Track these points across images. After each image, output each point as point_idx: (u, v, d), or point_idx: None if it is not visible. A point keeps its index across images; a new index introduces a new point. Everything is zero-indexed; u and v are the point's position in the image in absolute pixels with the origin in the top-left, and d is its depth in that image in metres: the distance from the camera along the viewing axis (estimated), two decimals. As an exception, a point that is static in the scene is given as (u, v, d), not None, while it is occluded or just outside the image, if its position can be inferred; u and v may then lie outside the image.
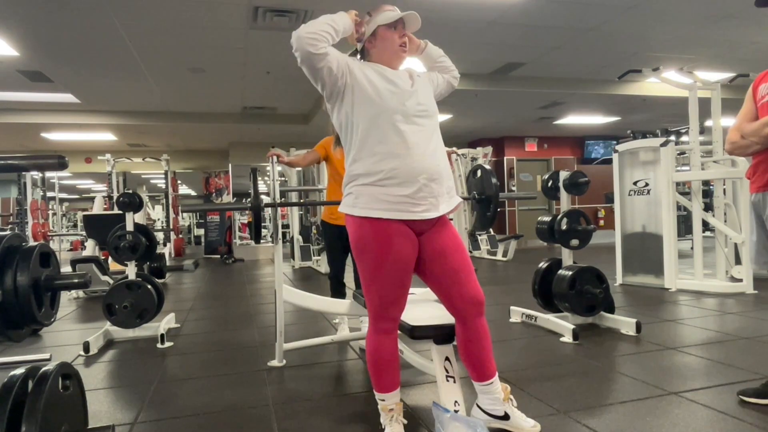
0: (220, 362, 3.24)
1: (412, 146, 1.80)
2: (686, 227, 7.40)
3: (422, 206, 1.80)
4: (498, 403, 1.98)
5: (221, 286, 7.04)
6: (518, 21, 5.24)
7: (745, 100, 2.26)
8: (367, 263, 1.85)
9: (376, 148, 1.79)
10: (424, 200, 1.80)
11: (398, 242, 1.80)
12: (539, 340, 3.46)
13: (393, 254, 1.80)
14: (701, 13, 5.21)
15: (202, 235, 14.12)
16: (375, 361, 1.93)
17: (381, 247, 1.80)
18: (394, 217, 1.79)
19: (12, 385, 1.37)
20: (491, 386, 1.97)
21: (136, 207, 3.87)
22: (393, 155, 1.78)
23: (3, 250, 1.41)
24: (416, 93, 1.91)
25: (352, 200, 1.86)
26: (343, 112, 1.87)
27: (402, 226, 1.81)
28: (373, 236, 1.81)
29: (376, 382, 1.94)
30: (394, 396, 1.94)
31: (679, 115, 6.48)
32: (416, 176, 1.78)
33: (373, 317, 1.92)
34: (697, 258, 5.22)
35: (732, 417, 2.10)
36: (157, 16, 4.83)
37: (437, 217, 1.87)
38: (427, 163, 1.82)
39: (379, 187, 1.78)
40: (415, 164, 1.79)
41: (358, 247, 1.86)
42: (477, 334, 1.93)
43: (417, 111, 1.86)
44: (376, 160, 1.79)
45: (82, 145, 11.09)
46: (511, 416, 1.98)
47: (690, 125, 5.40)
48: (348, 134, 1.87)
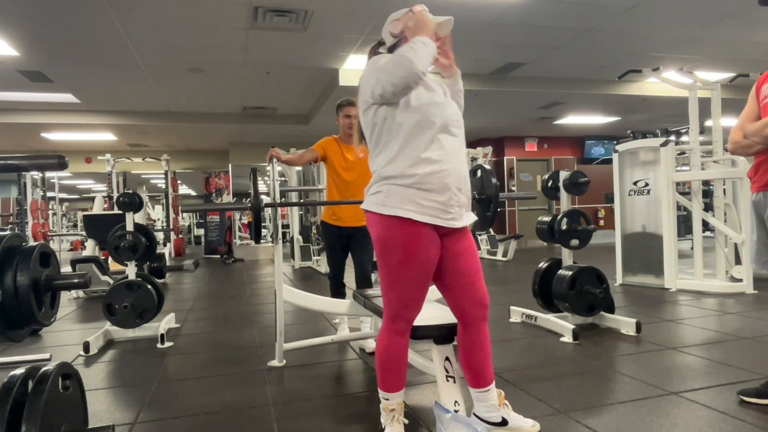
0: (220, 362, 3.24)
1: (449, 155, 1.83)
2: (686, 227, 7.40)
3: (451, 214, 1.83)
4: (494, 410, 1.98)
5: (221, 286, 7.04)
6: (518, 21, 5.24)
7: (748, 99, 2.27)
8: (392, 262, 1.83)
9: (415, 153, 1.80)
10: (452, 208, 1.83)
11: (426, 245, 1.82)
12: (539, 340, 3.46)
13: (420, 256, 1.81)
14: (701, 13, 5.21)
15: (202, 235, 14.12)
16: (384, 360, 1.92)
17: (409, 247, 1.81)
18: (426, 221, 1.80)
19: (12, 385, 1.37)
20: (488, 393, 1.97)
21: (136, 207, 3.87)
22: (431, 161, 1.80)
23: (3, 250, 1.41)
24: (450, 103, 1.96)
25: (381, 198, 1.84)
26: (381, 114, 1.85)
27: (430, 229, 1.83)
28: (401, 236, 1.81)
29: (382, 381, 1.94)
30: (398, 396, 1.94)
31: (679, 115, 6.48)
32: (450, 184, 1.81)
33: (389, 317, 1.90)
34: (697, 258, 5.22)
35: (732, 417, 2.10)
36: (157, 16, 4.83)
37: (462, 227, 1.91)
38: (459, 173, 1.86)
39: (414, 189, 1.79)
40: (450, 173, 1.81)
41: (384, 245, 1.84)
42: (479, 338, 1.94)
43: (453, 121, 1.90)
44: (413, 164, 1.80)
45: (82, 145, 11.09)
46: (509, 420, 1.98)
47: (690, 125, 5.40)
48: (383, 135, 1.85)
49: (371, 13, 4.94)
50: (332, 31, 5.45)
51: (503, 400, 2.02)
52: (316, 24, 5.18)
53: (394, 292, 1.87)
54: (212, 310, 5.14)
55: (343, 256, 3.49)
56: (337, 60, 6.41)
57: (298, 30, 5.33)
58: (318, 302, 3.13)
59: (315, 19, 5.07)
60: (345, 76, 6.82)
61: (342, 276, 3.54)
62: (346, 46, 5.90)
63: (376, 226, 1.87)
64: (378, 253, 1.88)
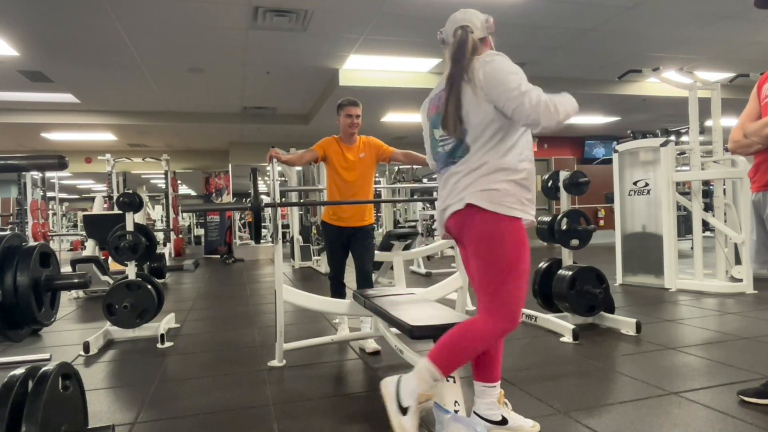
0: (220, 362, 3.24)
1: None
2: (686, 227, 7.40)
3: (533, 211, 1.93)
4: (494, 407, 1.99)
5: (221, 286, 7.04)
6: (518, 21, 5.24)
7: (749, 99, 2.27)
8: (514, 260, 1.85)
9: (523, 150, 1.90)
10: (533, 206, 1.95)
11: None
12: (539, 340, 3.46)
13: (529, 251, 1.92)
14: (701, 13, 5.21)
15: (202, 235, 14.13)
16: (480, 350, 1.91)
17: (527, 244, 1.89)
18: (526, 218, 1.89)
19: (12, 385, 1.37)
20: (494, 390, 1.98)
21: (136, 207, 3.87)
22: (530, 160, 1.92)
23: (3, 250, 1.41)
24: None
25: (498, 197, 1.83)
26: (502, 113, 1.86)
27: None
28: (521, 234, 1.87)
29: (456, 365, 1.88)
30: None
31: (679, 115, 6.48)
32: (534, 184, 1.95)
33: (510, 317, 1.86)
34: (697, 258, 5.22)
35: (732, 417, 2.10)
36: (157, 16, 4.83)
37: None
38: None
39: (520, 187, 1.86)
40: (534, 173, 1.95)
41: (523, 245, 1.86)
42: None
43: None
44: (521, 160, 1.88)
45: (82, 145, 11.09)
46: (509, 419, 1.99)
47: (690, 125, 5.40)
48: (503, 129, 1.86)
49: (371, 13, 4.95)
50: (332, 31, 5.45)
51: (503, 398, 2.03)
52: (316, 24, 5.18)
53: (522, 289, 1.88)
54: (212, 310, 5.14)
55: (343, 257, 3.49)
56: (337, 60, 6.42)
57: (298, 30, 5.33)
58: (318, 302, 3.13)
59: (315, 19, 5.07)
60: (345, 76, 6.82)
61: (342, 276, 3.53)
62: (346, 46, 5.91)
63: (510, 227, 1.84)
64: (516, 254, 1.85)
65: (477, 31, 1.99)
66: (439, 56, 6.36)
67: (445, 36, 2.05)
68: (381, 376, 2.85)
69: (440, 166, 2.02)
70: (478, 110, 1.84)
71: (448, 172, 1.96)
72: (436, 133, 2.00)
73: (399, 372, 2.84)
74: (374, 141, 3.48)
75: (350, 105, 3.37)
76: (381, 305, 2.47)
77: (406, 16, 4.96)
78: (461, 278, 3.28)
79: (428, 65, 6.78)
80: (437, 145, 2.01)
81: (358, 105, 3.40)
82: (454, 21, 2.02)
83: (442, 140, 1.98)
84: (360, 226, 3.39)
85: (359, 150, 3.41)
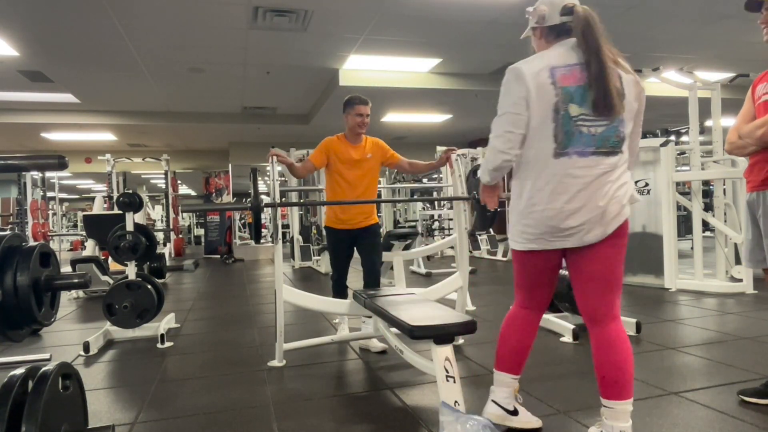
0: (220, 362, 3.24)
1: None
2: (686, 227, 7.40)
3: None
4: (511, 398, 2.03)
5: (221, 286, 7.04)
6: (518, 21, 5.23)
7: (745, 100, 2.29)
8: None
9: None
10: None
11: None
12: (539, 340, 3.43)
13: None
14: (701, 13, 5.21)
15: (202, 235, 14.13)
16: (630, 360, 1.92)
17: None
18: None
19: (12, 385, 1.37)
20: (514, 381, 2.03)
21: (136, 207, 3.87)
22: None
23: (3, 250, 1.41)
24: None
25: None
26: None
27: None
28: None
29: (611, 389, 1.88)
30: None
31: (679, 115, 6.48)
32: None
33: (618, 314, 1.92)
34: (697, 258, 5.22)
35: (732, 417, 2.10)
36: (157, 16, 4.83)
37: None
38: None
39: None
40: None
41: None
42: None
43: None
44: None
45: (82, 145, 11.10)
46: (520, 412, 2.02)
47: (690, 125, 5.40)
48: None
49: (371, 13, 4.95)
50: (332, 31, 5.45)
51: (517, 392, 2.06)
52: (316, 24, 5.18)
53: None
54: (212, 310, 5.14)
55: (348, 260, 3.41)
56: (337, 60, 6.42)
57: (298, 30, 5.33)
58: (318, 302, 3.13)
59: (315, 19, 5.07)
60: (345, 76, 6.82)
61: (345, 279, 3.46)
62: (346, 46, 5.91)
63: (626, 223, 1.86)
64: (623, 253, 1.89)
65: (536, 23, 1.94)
66: (439, 56, 6.36)
67: (548, 11, 1.84)
68: (381, 376, 2.85)
69: (577, 148, 1.73)
70: (629, 100, 1.76)
71: (603, 164, 1.73)
72: (572, 108, 1.72)
73: (399, 372, 2.86)
74: (382, 144, 3.39)
75: (361, 104, 3.25)
76: (381, 305, 2.47)
77: (406, 16, 4.96)
78: (461, 278, 3.29)
79: (428, 65, 6.78)
80: (572, 123, 1.72)
81: (368, 104, 3.28)
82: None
83: (584, 119, 1.72)
84: (366, 227, 3.32)
85: (366, 150, 3.31)
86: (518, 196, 1.88)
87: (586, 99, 1.72)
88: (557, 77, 1.74)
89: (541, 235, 1.82)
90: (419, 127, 10.45)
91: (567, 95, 1.72)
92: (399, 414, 2.31)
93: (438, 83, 7.20)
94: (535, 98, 1.73)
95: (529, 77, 1.74)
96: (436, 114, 9.31)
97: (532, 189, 1.81)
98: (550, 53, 1.82)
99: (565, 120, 1.72)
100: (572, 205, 1.74)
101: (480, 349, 3.26)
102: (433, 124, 10.13)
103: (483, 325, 3.83)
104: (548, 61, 1.77)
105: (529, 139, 1.78)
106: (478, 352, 3.18)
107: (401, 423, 2.21)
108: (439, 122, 9.98)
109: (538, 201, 1.79)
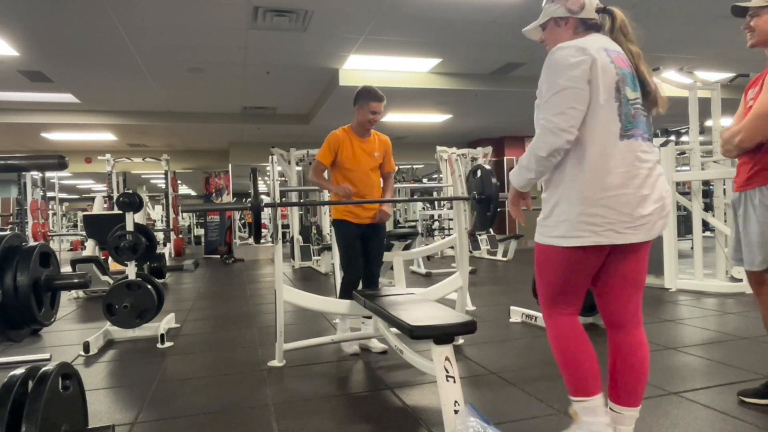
0: (220, 362, 3.24)
1: None
2: (686, 227, 7.40)
3: None
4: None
5: (221, 286, 7.04)
6: (518, 21, 5.22)
7: (740, 102, 2.34)
8: None
9: None
10: None
11: None
12: (539, 340, 3.45)
13: None
14: (701, 13, 5.21)
15: (202, 235, 14.12)
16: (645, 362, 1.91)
17: None
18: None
19: (12, 385, 1.37)
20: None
21: (136, 207, 3.87)
22: None
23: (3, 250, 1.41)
24: None
25: None
26: None
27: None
28: None
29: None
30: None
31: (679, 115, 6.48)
32: None
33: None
34: (697, 258, 5.22)
35: (732, 417, 2.10)
36: (157, 16, 4.83)
37: None
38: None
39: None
40: None
41: None
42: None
43: None
44: None
45: (82, 145, 11.09)
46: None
47: (690, 125, 5.40)
48: None
49: (371, 13, 4.94)
50: (332, 31, 5.45)
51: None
52: (316, 24, 5.18)
53: None
54: (212, 310, 5.14)
55: (362, 256, 3.27)
56: (337, 60, 6.41)
57: (298, 30, 5.33)
58: (318, 302, 3.13)
59: (315, 19, 5.07)
60: (345, 76, 6.81)
61: (359, 280, 3.30)
62: (346, 46, 5.90)
63: None
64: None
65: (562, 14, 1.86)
66: (439, 56, 6.36)
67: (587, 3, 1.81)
68: (381, 376, 2.85)
69: (639, 131, 1.66)
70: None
71: (656, 152, 1.70)
72: (628, 91, 1.66)
73: (399, 372, 2.85)
74: (388, 146, 3.34)
75: (376, 100, 3.13)
76: (381, 305, 2.47)
77: (406, 16, 4.96)
78: (461, 278, 3.29)
79: (428, 65, 6.78)
80: (630, 105, 1.65)
81: (383, 100, 3.19)
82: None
83: (636, 104, 1.67)
84: (373, 223, 3.27)
85: (375, 147, 3.27)
86: (572, 181, 1.64)
87: (636, 85, 1.68)
88: (613, 57, 1.66)
89: (613, 225, 1.59)
90: (419, 127, 10.45)
91: (623, 77, 1.65)
92: (399, 414, 2.31)
93: (438, 83, 7.20)
94: (601, 74, 1.60)
95: (593, 51, 1.63)
96: (436, 114, 9.31)
97: (598, 172, 1.59)
98: (593, 38, 1.73)
99: (625, 101, 1.64)
100: (643, 191, 1.60)
101: (480, 349, 3.26)
102: (433, 124, 10.13)
103: (483, 325, 3.83)
104: (600, 43, 1.69)
105: (592, 118, 1.62)
106: (478, 352, 3.18)
107: (401, 423, 2.21)
108: (439, 122, 9.98)
109: (611, 185, 1.58)
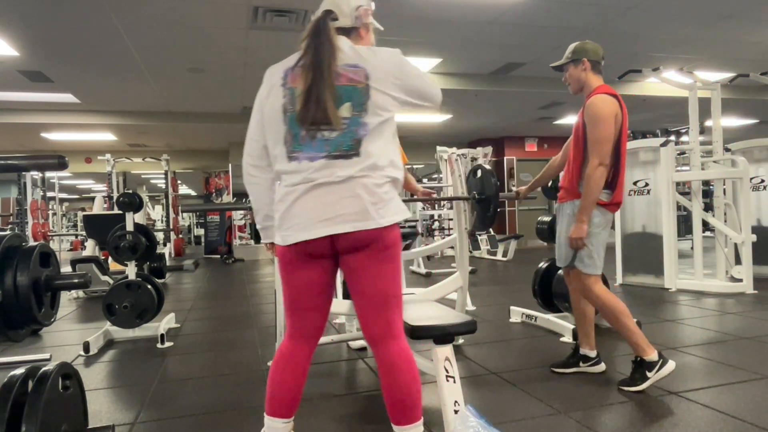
0: (220, 362, 3.24)
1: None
2: (686, 227, 7.39)
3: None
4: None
5: (221, 286, 7.04)
6: (518, 21, 5.23)
7: None
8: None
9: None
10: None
11: None
12: (539, 340, 3.46)
13: None
14: (701, 13, 5.21)
15: (202, 235, 14.11)
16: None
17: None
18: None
19: (12, 385, 1.37)
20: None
21: (136, 207, 3.87)
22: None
23: (3, 250, 1.41)
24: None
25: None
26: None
27: None
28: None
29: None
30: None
31: (679, 115, 6.48)
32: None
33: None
34: (697, 258, 5.22)
35: (732, 417, 2.10)
36: (157, 16, 4.83)
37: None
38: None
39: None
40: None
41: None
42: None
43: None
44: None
45: (82, 145, 11.09)
46: None
47: (690, 125, 5.40)
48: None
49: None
50: (332, 31, 5.45)
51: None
52: (316, 24, 5.18)
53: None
54: (212, 310, 5.14)
55: None
56: (337, 60, 6.41)
57: (298, 30, 5.31)
58: (318, 302, 3.12)
59: (315, 19, 5.07)
60: (345, 76, 6.81)
61: None
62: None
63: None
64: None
65: (348, 23, 1.76)
66: (439, 56, 6.36)
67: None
68: (381, 376, 2.85)
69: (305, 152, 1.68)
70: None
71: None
72: None
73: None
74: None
75: None
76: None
77: (406, 16, 4.96)
78: (461, 278, 3.28)
79: (428, 65, 6.77)
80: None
81: None
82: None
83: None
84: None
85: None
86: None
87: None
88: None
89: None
90: (419, 127, 10.45)
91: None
92: (399, 414, 2.31)
93: (438, 83, 7.20)
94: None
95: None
96: (436, 114, 9.31)
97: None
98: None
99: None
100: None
101: (480, 349, 3.26)
102: (433, 124, 10.13)
103: (483, 325, 3.83)
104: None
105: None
106: (478, 352, 3.18)
107: (401, 423, 2.20)
108: (439, 122, 9.98)
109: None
